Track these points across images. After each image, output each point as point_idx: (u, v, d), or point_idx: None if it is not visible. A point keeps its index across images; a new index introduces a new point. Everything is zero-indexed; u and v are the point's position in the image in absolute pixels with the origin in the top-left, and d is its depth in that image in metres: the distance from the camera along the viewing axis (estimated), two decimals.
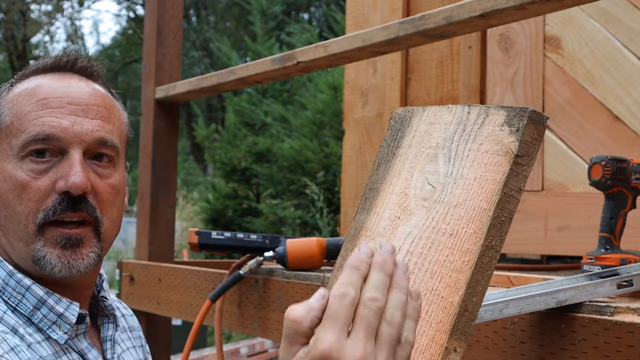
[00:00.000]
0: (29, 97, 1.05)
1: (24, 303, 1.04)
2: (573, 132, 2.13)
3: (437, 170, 0.98)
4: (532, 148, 0.88)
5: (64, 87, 1.07)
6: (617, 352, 1.16)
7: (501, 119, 0.91)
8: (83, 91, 1.08)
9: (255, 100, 7.86)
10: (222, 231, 1.99)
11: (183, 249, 8.96)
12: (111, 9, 45.42)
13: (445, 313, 0.86)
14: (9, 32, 19.18)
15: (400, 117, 1.14)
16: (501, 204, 0.87)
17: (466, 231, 0.88)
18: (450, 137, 0.99)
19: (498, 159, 0.89)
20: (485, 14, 1.51)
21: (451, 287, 0.87)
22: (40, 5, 20.92)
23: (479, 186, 0.89)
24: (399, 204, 1.03)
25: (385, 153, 1.13)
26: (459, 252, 0.88)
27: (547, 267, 2.08)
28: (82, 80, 1.10)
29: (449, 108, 1.04)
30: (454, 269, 0.88)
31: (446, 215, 0.92)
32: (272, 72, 2.23)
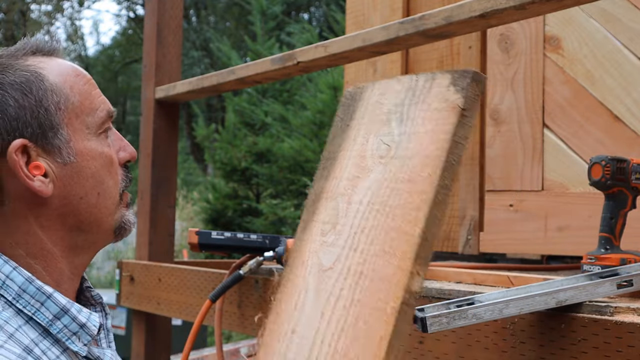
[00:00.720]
0: (76, 77, 1.05)
1: (42, 312, 0.98)
2: (573, 132, 2.13)
3: (391, 132, 1.11)
4: (475, 103, 1.01)
5: (79, 68, 1.08)
6: (617, 352, 1.16)
7: (447, 81, 1.03)
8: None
9: (255, 100, 7.86)
10: (222, 231, 1.99)
11: (183, 249, 8.96)
12: (111, 9, 45.44)
13: (409, 244, 0.98)
14: (9, 32, 19.17)
15: (351, 94, 1.26)
16: (451, 150, 0.98)
17: (421, 175, 1.01)
18: (401, 103, 1.11)
19: (446, 113, 1.01)
20: (485, 14, 1.51)
21: (412, 223, 1.00)
22: (40, 5, 20.91)
23: (430, 138, 1.02)
24: (356, 165, 1.15)
25: (339, 126, 1.25)
26: (417, 194, 1.00)
27: (547, 267, 2.08)
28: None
29: (397, 79, 1.15)
30: (413, 207, 1.00)
31: (402, 166, 1.04)
32: (272, 72, 2.23)
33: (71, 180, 1.01)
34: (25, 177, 0.97)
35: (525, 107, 2.22)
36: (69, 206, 1.02)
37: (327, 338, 1.08)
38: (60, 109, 1.01)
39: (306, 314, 1.17)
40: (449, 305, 1.24)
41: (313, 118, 7.00)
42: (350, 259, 1.10)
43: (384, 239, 1.04)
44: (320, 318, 1.12)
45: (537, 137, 2.19)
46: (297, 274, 1.25)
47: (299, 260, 1.26)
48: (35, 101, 0.99)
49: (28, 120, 0.98)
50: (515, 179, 2.23)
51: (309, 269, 1.22)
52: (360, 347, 1.00)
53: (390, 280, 0.99)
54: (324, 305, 1.13)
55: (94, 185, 1.03)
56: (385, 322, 0.97)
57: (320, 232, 1.22)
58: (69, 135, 1.01)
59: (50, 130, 0.99)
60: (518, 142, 2.23)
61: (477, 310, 1.20)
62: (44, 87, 1.00)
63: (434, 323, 1.19)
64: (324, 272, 1.17)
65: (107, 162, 1.05)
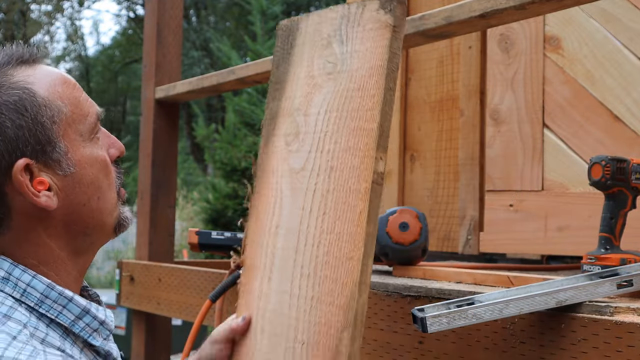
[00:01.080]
0: (64, 85, 1.06)
1: (65, 314, 1.03)
2: (573, 132, 2.13)
3: (333, 53, 1.29)
4: (403, 20, 1.21)
5: (62, 73, 1.10)
6: (617, 352, 1.16)
7: (376, 5, 1.22)
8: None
9: (255, 100, 7.85)
10: (222, 231, 1.99)
11: (183, 249, 8.96)
12: (111, 9, 45.41)
13: (370, 137, 1.18)
14: (9, 32, 19.17)
15: (286, 26, 1.42)
16: (390, 59, 1.18)
17: (369, 82, 1.20)
18: (338, 28, 1.29)
19: (381, 32, 1.20)
20: (485, 14, 1.51)
21: (369, 120, 1.20)
22: (40, 5, 20.90)
23: (371, 53, 1.21)
24: (307, 83, 1.33)
25: (281, 55, 1.41)
26: (368, 97, 1.20)
27: (547, 267, 2.08)
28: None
29: (330, 9, 1.32)
30: (368, 108, 1.20)
31: (351, 78, 1.24)
32: None
33: (73, 190, 1.04)
34: (32, 196, 1.00)
35: (525, 107, 2.22)
36: (74, 214, 1.05)
37: (312, 223, 1.25)
38: (55, 123, 1.02)
39: (286, 210, 1.33)
40: (449, 305, 1.24)
41: None
42: (319, 159, 1.27)
43: (347, 138, 1.23)
44: (301, 210, 1.29)
45: (537, 137, 2.19)
46: (268, 181, 1.39)
47: (268, 169, 1.40)
48: (31, 119, 1.00)
49: (27, 138, 1.00)
50: (515, 179, 2.23)
51: (280, 175, 1.36)
52: (343, 223, 1.20)
53: (359, 167, 1.20)
54: (303, 199, 1.29)
55: (94, 191, 1.06)
56: (361, 200, 1.18)
57: (285, 143, 1.36)
58: (66, 147, 1.03)
59: (48, 145, 1.01)
60: (518, 142, 2.23)
61: (477, 310, 1.20)
62: (37, 103, 1.01)
63: (434, 323, 1.19)
64: (296, 174, 1.33)
65: (102, 166, 1.08)
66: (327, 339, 1.18)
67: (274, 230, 1.35)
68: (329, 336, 1.18)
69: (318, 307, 1.21)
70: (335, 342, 1.17)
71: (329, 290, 1.20)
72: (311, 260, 1.25)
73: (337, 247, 1.20)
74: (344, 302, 1.17)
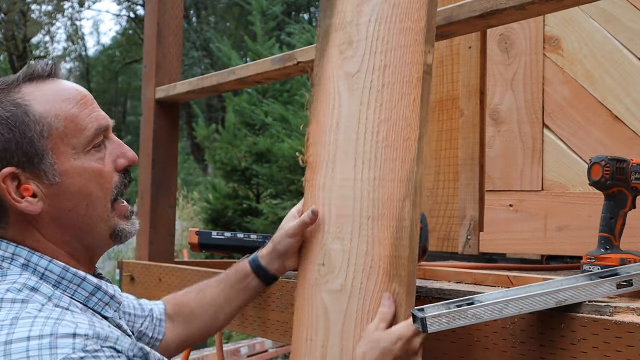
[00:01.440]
0: (64, 102, 1.17)
1: (79, 292, 1.16)
2: (573, 132, 2.13)
3: None
4: None
5: (74, 88, 1.20)
6: (617, 352, 1.16)
7: None
8: (82, 89, 1.22)
9: (255, 100, 7.85)
10: (222, 231, 1.99)
11: (183, 249, 8.96)
12: (111, 9, 45.39)
13: (419, 33, 1.37)
14: (10, 33, 19.17)
15: None
16: None
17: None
18: None
19: None
20: (485, 14, 1.51)
21: (417, 20, 1.38)
22: (40, 5, 20.90)
23: None
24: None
25: None
26: (414, 1, 1.39)
27: (546, 267, 2.08)
28: (66, 80, 1.23)
29: None
30: (415, 9, 1.38)
31: None
32: (272, 72, 2.23)
33: (58, 197, 1.15)
34: (12, 200, 1.13)
35: (525, 107, 2.22)
36: (62, 218, 1.17)
37: (370, 115, 1.44)
38: (43, 137, 1.14)
39: (345, 108, 1.50)
40: (449, 305, 1.24)
41: None
42: (373, 60, 1.45)
43: (397, 38, 1.40)
44: (359, 106, 1.47)
45: (537, 137, 2.19)
46: (326, 87, 1.57)
47: (325, 77, 1.57)
48: (20, 133, 1.13)
49: (14, 150, 1.12)
50: (515, 179, 2.23)
51: (336, 80, 1.54)
52: (399, 110, 1.38)
53: (410, 61, 1.37)
54: (360, 97, 1.47)
55: (81, 198, 1.17)
56: (414, 88, 1.36)
57: (339, 52, 1.53)
58: (53, 159, 1.14)
59: (35, 157, 1.13)
60: (518, 142, 2.23)
61: (476, 310, 1.20)
62: (28, 119, 1.13)
63: (433, 323, 1.19)
64: (352, 77, 1.51)
65: (93, 176, 1.18)
66: (390, 210, 1.37)
67: (334, 128, 1.53)
68: (392, 207, 1.37)
69: (380, 185, 1.40)
70: (398, 211, 1.36)
71: (389, 170, 1.39)
72: (371, 146, 1.43)
73: (394, 132, 1.39)
74: (404, 176, 1.36)
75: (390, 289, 1.34)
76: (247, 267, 1.57)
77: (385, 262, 1.36)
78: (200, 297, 1.58)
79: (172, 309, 1.59)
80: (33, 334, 1.00)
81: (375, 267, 1.38)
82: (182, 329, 1.58)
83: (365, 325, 1.35)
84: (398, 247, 1.35)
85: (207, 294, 1.58)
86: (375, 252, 1.38)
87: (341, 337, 1.41)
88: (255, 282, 1.57)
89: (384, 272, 1.36)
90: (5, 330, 1.01)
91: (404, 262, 1.33)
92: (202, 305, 1.58)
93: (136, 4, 22.92)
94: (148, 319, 1.53)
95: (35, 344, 0.99)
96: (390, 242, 1.36)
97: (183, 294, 1.61)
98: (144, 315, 1.52)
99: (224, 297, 1.58)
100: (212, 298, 1.58)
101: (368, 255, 1.39)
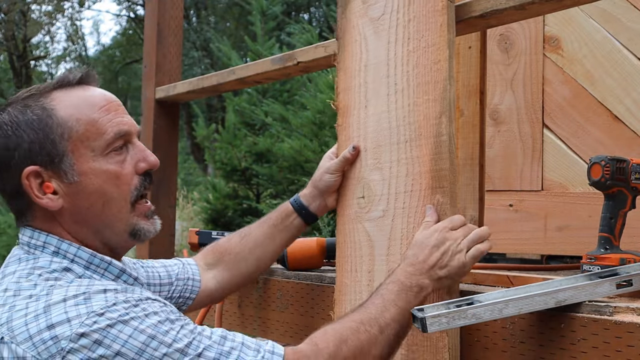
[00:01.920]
0: (89, 107, 1.26)
1: (106, 275, 1.25)
2: (573, 132, 2.13)
3: None
4: None
5: (101, 95, 1.29)
6: (616, 352, 1.16)
7: None
8: (110, 95, 1.31)
9: (255, 100, 7.84)
10: (222, 231, 1.99)
11: (183, 249, 8.94)
12: (111, 10, 45.38)
13: None
14: (10, 33, 19.16)
15: None
16: None
17: None
18: None
19: None
20: (485, 14, 1.51)
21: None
22: (40, 5, 20.89)
23: None
24: None
25: None
26: None
27: (546, 267, 2.08)
28: (96, 87, 1.32)
29: None
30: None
31: None
32: (272, 72, 2.23)
33: (76, 195, 1.24)
34: (34, 197, 1.23)
35: (525, 107, 2.22)
36: (80, 214, 1.25)
37: (399, 49, 1.52)
38: (64, 139, 1.23)
39: (372, 49, 1.58)
40: (449, 305, 1.24)
41: (313, 118, 6.98)
42: (397, 0, 1.54)
43: None
44: (387, 44, 1.54)
45: (536, 137, 2.19)
46: (351, 36, 1.65)
47: (349, 27, 1.66)
48: (43, 135, 1.23)
49: (38, 151, 1.22)
50: (515, 178, 2.23)
51: (361, 27, 1.62)
52: (427, 38, 1.46)
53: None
54: (387, 35, 1.55)
55: (97, 197, 1.25)
56: (440, 15, 1.46)
57: (361, 2, 1.63)
58: (72, 160, 1.23)
59: (56, 157, 1.23)
60: (518, 142, 2.23)
61: (476, 310, 1.20)
62: (51, 122, 1.23)
63: (433, 323, 1.19)
64: (376, 21, 1.59)
65: (110, 177, 1.25)
66: (427, 129, 1.45)
67: (363, 70, 1.60)
68: (429, 126, 1.44)
69: (415, 109, 1.47)
70: (435, 128, 1.43)
71: (423, 92, 1.46)
72: (402, 75, 1.51)
73: (424, 58, 1.47)
74: (438, 95, 1.43)
75: (433, 201, 1.41)
76: (289, 207, 1.66)
77: (427, 178, 1.44)
78: (244, 241, 1.67)
79: (212, 258, 1.67)
80: (69, 295, 1.11)
81: (417, 184, 1.45)
82: (228, 274, 1.66)
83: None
84: (438, 160, 1.42)
85: (250, 237, 1.67)
86: (416, 172, 1.46)
87: (387, 260, 1.48)
88: (297, 221, 1.65)
89: (426, 186, 1.44)
90: (43, 299, 1.12)
91: (445, 173, 1.41)
92: (246, 248, 1.66)
93: (136, 4, 22.91)
94: (175, 283, 1.60)
95: (72, 302, 1.10)
96: (429, 157, 1.43)
97: (225, 241, 1.69)
98: (170, 282, 1.59)
99: (267, 236, 1.66)
100: (255, 240, 1.66)
101: (409, 176, 1.47)
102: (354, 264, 1.55)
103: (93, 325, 1.08)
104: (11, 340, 1.09)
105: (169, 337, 1.11)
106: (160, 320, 1.12)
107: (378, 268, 1.49)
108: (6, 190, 1.26)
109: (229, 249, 1.67)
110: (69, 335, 1.06)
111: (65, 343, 1.06)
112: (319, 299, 1.80)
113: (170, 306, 1.19)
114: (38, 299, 1.12)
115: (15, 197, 1.26)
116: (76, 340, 1.06)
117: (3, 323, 1.12)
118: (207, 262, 1.67)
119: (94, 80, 1.32)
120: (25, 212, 1.26)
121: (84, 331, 1.07)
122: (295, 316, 1.88)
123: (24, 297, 1.14)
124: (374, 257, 1.50)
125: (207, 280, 1.64)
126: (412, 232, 1.43)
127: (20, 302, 1.13)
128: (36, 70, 23.27)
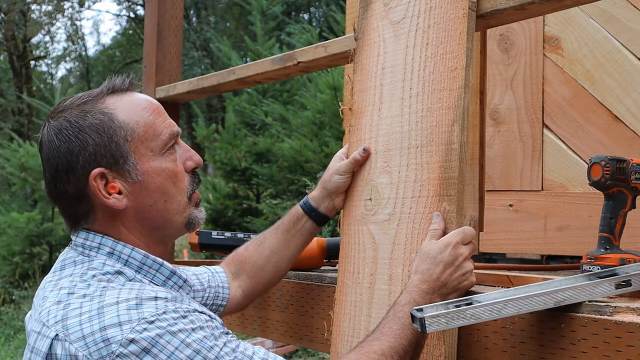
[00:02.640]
0: (143, 110, 1.33)
1: (158, 276, 1.31)
2: (573, 132, 2.13)
3: None
4: None
5: (148, 99, 1.36)
6: (616, 352, 1.16)
7: None
8: (154, 100, 1.38)
9: (255, 100, 7.85)
10: (222, 231, 1.99)
11: (183, 249, 8.95)
12: (111, 10, 45.39)
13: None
14: (10, 33, 19.16)
15: None
16: None
17: None
18: None
19: None
20: (485, 14, 1.51)
21: None
22: (40, 5, 20.90)
23: None
24: None
25: None
26: None
27: (546, 267, 2.08)
28: (139, 92, 1.39)
29: None
30: None
31: None
32: (272, 72, 2.23)
33: (141, 194, 1.30)
34: (102, 197, 1.27)
35: (525, 107, 2.22)
36: (143, 212, 1.31)
37: (417, 53, 1.52)
38: (127, 141, 1.29)
39: (390, 52, 1.58)
40: (448, 305, 1.24)
41: (313, 118, 6.99)
42: (418, 5, 1.54)
43: None
44: (405, 48, 1.55)
45: (536, 137, 2.19)
46: (370, 37, 1.65)
47: (369, 29, 1.65)
48: (108, 138, 1.28)
49: (103, 153, 1.28)
50: (515, 178, 2.23)
51: (381, 29, 1.63)
52: (445, 45, 1.47)
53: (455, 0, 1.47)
54: (405, 40, 1.55)
55: (160, 195, 1.32)
56: (460, 23, 1.45)
57: (383, 4, 1.63)
58: (136, 160, 1.30)
59: (120, 159, 1.28)
60: (518, 142, 2.23)
61: (475, 311, 1.20)
62: (114, 125, 1.29)
63: (432, 323, 1.19)
64: (397, 24, 1.59)
65: (170, 175, 1.33)
66: (439, 136, 1.44)
67: (380, 72, 1.60)
68: (440, 133, 1.44)
69: (428, 115, 1.47)
70: (447, 136, 1.42)
71: (437, 99, 1.46)
72: (419, 80, 1.51)
73: (442, 65, 1.47)
74: (452, 103, 1.43)
75: (440, 209, 1.41)
76: (299, 210, 1.68)
77: (435, 184, 1.43)
78: (260, 249, 1.69)
79: (235, 267, 1.71)
80: (121, 298, 1.16)
81: (424, 190, 1.45)
82: (250, 283, 1.69)
83: (416, 248, 1.42)
84: (447, 168, 1.42)
85: (266, 245, 1.69)
86: (425, 178, 1.45)
87: (390, 264, 1.47)
88: (309, 224, 1.67)
89: (433, 194, 1.43)
90: (97, 299, 1.17)
91: (454, 181, 1.40)
92: (263, 256, 1.69)
93: (136, 4, 22.91)
94: (207, 290, 1.63)
95: (124, 306, 1.15)
96: (439, 165, 1.43)
97: (243, 250, 1.72)
98: (203, 289, 1.62)
99: (282, 243, 1.69)
100: (271, 248, 1.69)
101: (417, 182, 1.47)
102: (356, 265, 1.55)
103: (143, 332, 1.12)
104: (65, 338, 1.14)
105: (213, 353, 1.14)
106: (206, 336, 1.16)
107: (380, 271, 1.49)
108: (68, 193, 1.29)
109: (247, 257, 1.70)
110: (119, 340, 1.11)
111: (115, 347, 1.11)
112: (319, 299, 1.81)
113: (215, 320, 1.23)
114: (92, 299, 1.17)
115: (78, 199, 1.29)
116: (126, 345, 1.10)
117: (58, 321, 1.16)
118: (231, 271, 1.70)
119: (137, 86, 1.39)
120: (86, 214, 1.30)
121: (134, 337, 1.11)
122: (295, 316, 1.88)
123: (79, 297, 1.18)
124: (377, 260, 1.50)
125: (234, 289, 1.68)
126: (416, 237, 1.43)
127: (74, 301, 1.18)
128: (36, 70, 23.27)
